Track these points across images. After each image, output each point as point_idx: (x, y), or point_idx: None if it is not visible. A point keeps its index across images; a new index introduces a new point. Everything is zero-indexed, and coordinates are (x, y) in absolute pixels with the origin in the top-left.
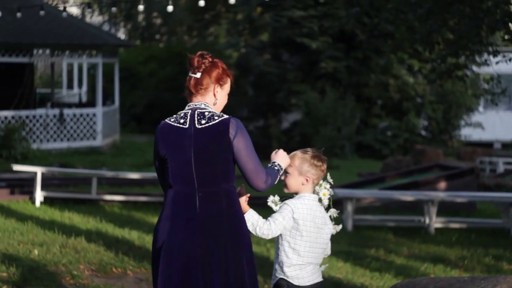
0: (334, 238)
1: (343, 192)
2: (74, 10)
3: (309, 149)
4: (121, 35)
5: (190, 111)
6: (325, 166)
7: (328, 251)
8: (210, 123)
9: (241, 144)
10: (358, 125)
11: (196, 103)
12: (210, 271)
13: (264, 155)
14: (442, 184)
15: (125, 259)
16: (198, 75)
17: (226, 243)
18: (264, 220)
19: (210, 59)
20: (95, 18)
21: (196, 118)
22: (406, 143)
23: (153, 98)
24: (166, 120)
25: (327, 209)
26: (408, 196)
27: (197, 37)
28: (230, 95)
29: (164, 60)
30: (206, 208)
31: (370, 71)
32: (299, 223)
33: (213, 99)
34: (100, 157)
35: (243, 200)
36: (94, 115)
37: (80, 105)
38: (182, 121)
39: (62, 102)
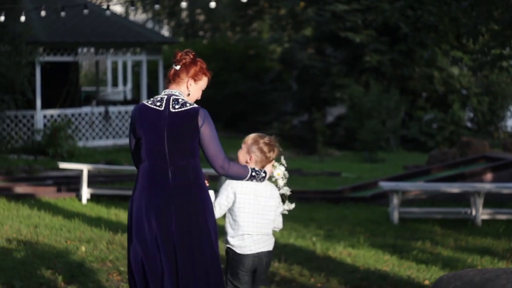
0: (380, 231)
1: (388, 185)
2: (117, 8)
3: (267, 136)
4: (165, 32)
5: (166, 96)
6: (271, 154)
7: (279, 225)
8: (183, 109)
9: (207, 131)
10: (403, 118)
11: (171, 90)
12: (182, 232)
13: (309, 150)
14: (489, 176)
15: None
16: (178, 67)
17: (195, 209)
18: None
19: (192, 57)
20: (138, 16)
21: (171, 103)
22: (452, 135)
23: None
24: (144, 102)
25: (282, 188)
26: (454, 188)
27: (241, 33)
28: (274, 90)
29: (207, 56)
30: (177, 179)
31: (414, 64)
32: (238, 197)
33: (186, 90)
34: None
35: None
36: None
37: (125, 102)
38: (158, 104)
39: (107, 100)
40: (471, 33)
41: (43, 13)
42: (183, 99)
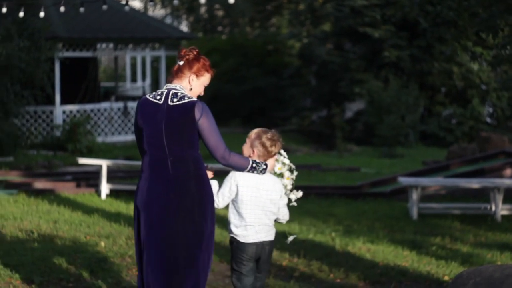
0: (399, 227)
1: (408, 181)
2: (136, 4)
3: (270, 131)
4: (184, 27)
5: (166, 90)
6: (273, 148)
7: (284, 216)
8: (181, 102)
9: (205, 124)
10: (422, 113)
11: (173, 85)
12: (182, 219)
13: (328, 145)
14: (508, 171)
15: None
16: (181, 63)
17: (194, 198)
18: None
19: (195, 53)
20: (157, 11)
21: (170, 97)
22: (471, 131)
23: (216, 90)
24: (146, 96)
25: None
26: (473, 183)
27: (259, 28)
28: (293, 85)
29: (226, 52)
30: (177, 170)
31: (433, 59)
32: (241, 190)
33: (188, 85)
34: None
35: (210, 175)
36: None
37: None
38: (158, 97)
39: (126, 95)
40: (491, 28)
41: (62, 8)
42: (182, 93)
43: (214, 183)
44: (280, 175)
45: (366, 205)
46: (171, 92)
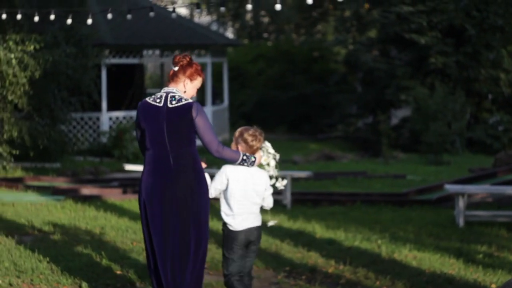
0: (445, 234)
1: (454, 188)
2: (182, 11)
3: (252, 128)
4: (229, 34)
5: (164, 94)
6: (254, 143)
7: (269, 204)
8: (179, 104)
9: (201, 122)
10: (469, 120)
11: (170, 89)
12: (184, 207)
13: (374, 152)
14: None
15: None
16: (176, 68)
17: (192, 189)
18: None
19: (188, 59)
20: (203, 18)
21: (168, 100)
22: None
23: (261, 97)
24: (146, 99)
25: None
26: None
27: (305, 35)
28: (339, 92)
29: (272, 58)
30: (178, 164)
31: (480, 66)
32: (231, 183)
33: (183, 88)
34: (210, 156)
35: (203, 165)
36: None
37: None
38: (158, 101)
39: None
40: None
41: (109, 15)
42: (179, 96)
43: (207, 177)
44: (267, 165)
45: (412, 212)
46: (169, 95)
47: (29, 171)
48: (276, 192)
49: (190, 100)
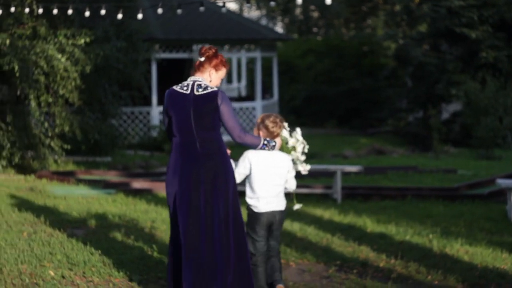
0: (497, 229)
1: (506, 183)
2: (232, 5)
3: (273, 115)
4: (279, 29)
5: (191, 82)
6: (274, 129)
7: (292, 186)
8: (205, 92)
9: (225, 109)
10: None
11: (196, 78)
12: (210, 188)
13: (424, 146)
14: None
15: (287, 251)
16: (202, 59)
17: (218, 171)
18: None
19: (214, 51)
20: (253, 13)
21: (195, 88)
22: None
23: (311, 91)
24: (173, 87)
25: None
26: None
27: (355, 29)
28: (388, 86)
29: (322, 53)
30: (204, 148)
31: None
32: (253, 167)
33: (208, 77)
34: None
35: (228, 152)
36: (253, 108)
37: (239, 99)
38: (185, 88)
39: None
40: None
41: (159, 10)
42: (205, 84)
43: (232, 163)
44: (293, 149)
45: (463, 207)
46: (195, 84)
47: (81, 165)
48: (327, 186)
49: (215, 88)
